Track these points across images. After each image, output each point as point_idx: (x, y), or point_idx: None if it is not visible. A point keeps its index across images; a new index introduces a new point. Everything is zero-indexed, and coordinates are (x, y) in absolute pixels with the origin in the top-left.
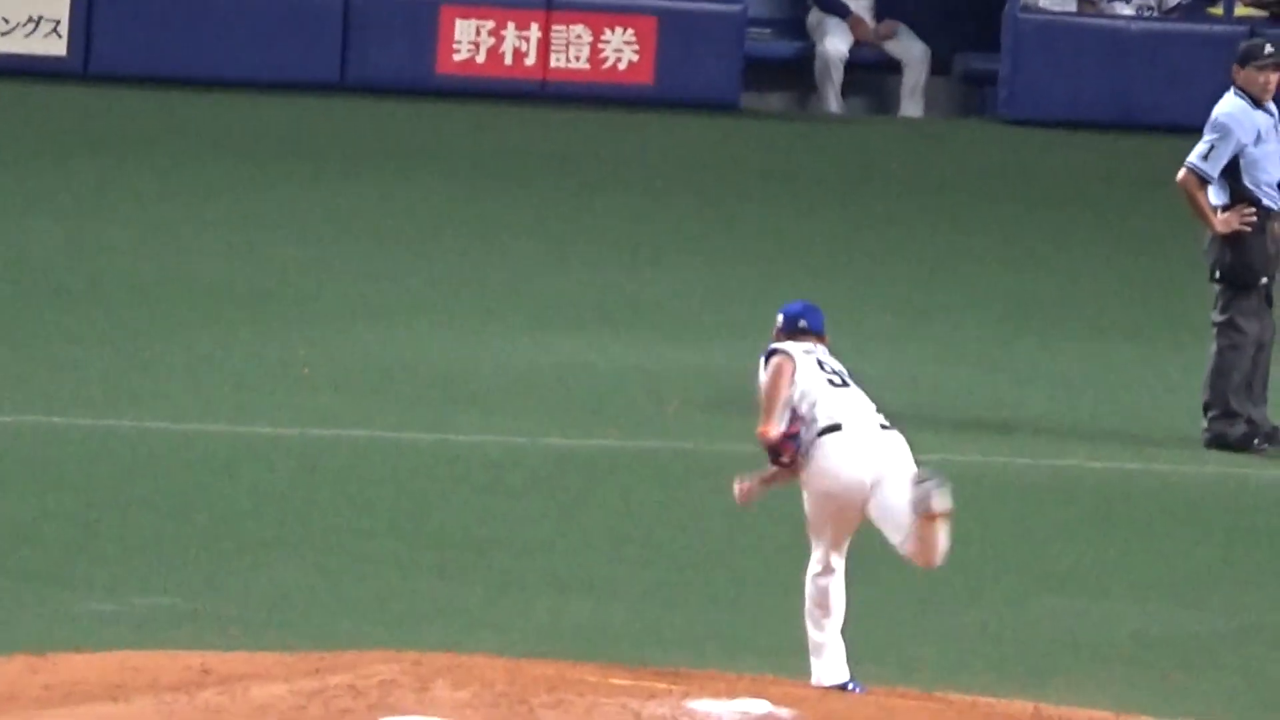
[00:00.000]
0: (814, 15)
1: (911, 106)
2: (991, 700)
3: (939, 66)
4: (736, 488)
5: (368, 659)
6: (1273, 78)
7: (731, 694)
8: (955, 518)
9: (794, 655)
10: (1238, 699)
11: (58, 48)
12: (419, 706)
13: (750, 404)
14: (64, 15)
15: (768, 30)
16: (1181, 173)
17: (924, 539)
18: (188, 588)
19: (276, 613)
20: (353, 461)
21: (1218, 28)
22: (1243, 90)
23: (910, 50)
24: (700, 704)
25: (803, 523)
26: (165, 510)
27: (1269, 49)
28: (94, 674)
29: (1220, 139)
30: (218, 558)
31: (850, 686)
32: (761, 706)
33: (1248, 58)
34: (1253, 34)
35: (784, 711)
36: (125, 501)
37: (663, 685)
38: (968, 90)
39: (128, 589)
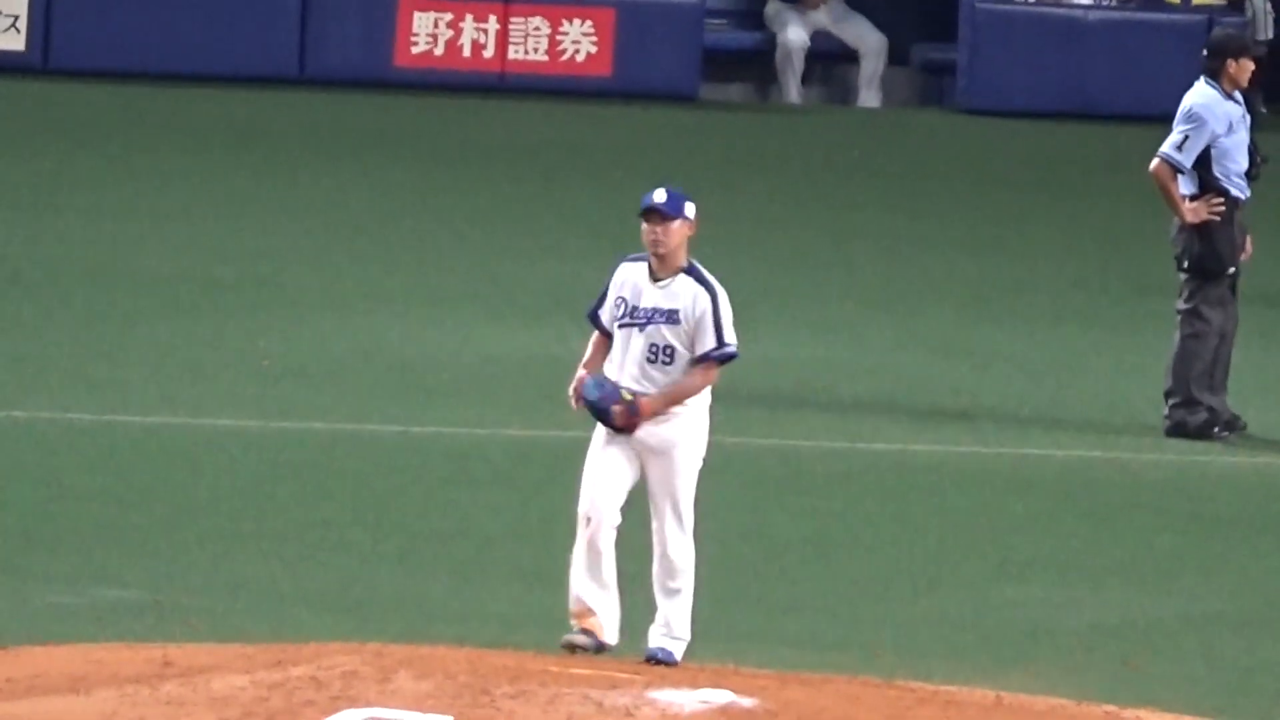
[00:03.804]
0: (772, 6)
1: (870, 97)
2: (952, 689)
3: (897, 57)
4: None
5: (329, 650)
6: (1251, 65)
7: (693, 684)
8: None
9: (755, 643)
10: (1199, 685)
11: (17, 42)
12: (381, 698)
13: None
14: (23, 10)
15: (725, 21)
16: (1155, 162)
17: None
18: (149, 579)
19: (238, 604)
20: (313, 453)
21: (1176, 16)
22: (1226, 81)
23: (868, 40)
24: (662, 694)
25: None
26: (126, 502)
27: (1255, 37)
28: (55, 666)
29: (1195, 129)
30: (179, 549)
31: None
32: (723, 696)
33: (1244, 49)
34: (1211, 23)
35: (745, 701)
36: (85, 493)
37: (625, 675)
38: (926, 80)
39: (88, 581)
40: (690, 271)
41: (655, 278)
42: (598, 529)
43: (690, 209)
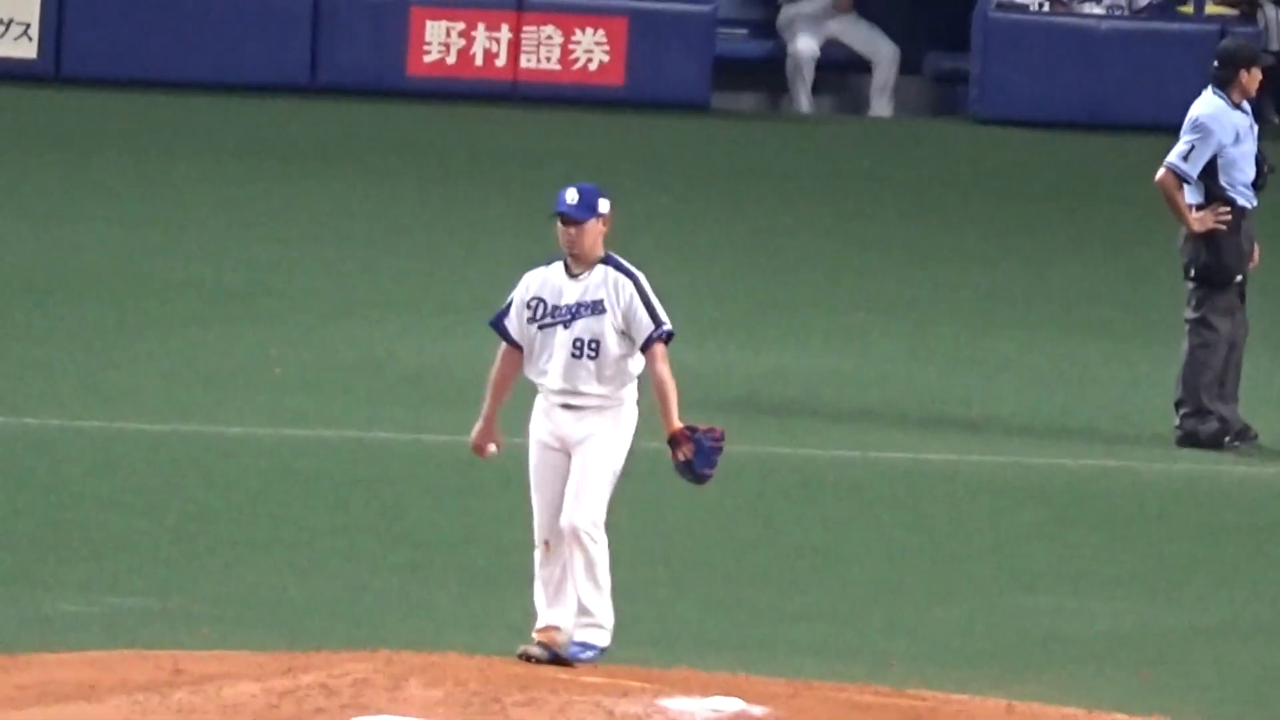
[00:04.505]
0: (784, 15)
1: (881, 106)
2: (964, 698)
3: (909, 66)
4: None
5: (340, 658)
6: (1260, 75)
7: (704, 692)
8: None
9: (767, 651)
10: (1210, 694)
11: (29, 50)
12: (392, 705)
13: (720, 402)
14: (35, 19)
15: (738, 30)
16: (1161, 172)
17: None
18: (159, 587)
19: (249, 612)
20: (324, 461)
21: (1188, 26)
22: (1235, 91)
23: (880, 50)
24: (673, 702)
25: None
26: (137, 510)
27: (1267, 47)
28: (66, 674)
29: (1201, 139)
30: (189, 557)
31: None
32: (734, 704)
33: (1252, 59)
34: (1223, 33)
35: (756, 709)
36: (97, 501)
37: (635, 683)
38: (938, 90)
39: (99, 589)
40: (607, 261)
41: (572, 274)
42: (559, 551)
43: (604, 205)
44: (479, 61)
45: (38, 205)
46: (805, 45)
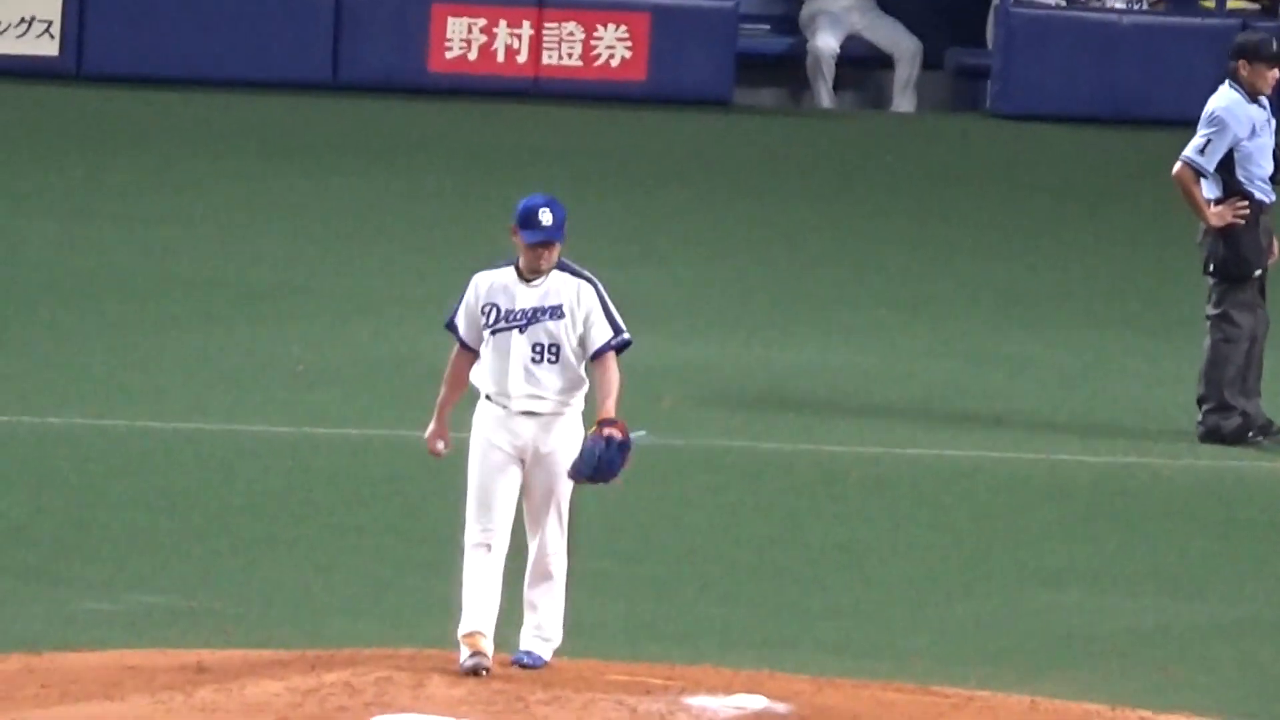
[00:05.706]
0: (805, 11)
1: (903, 101)
2: (987, 694)
3: (931, 61)
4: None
5: (363, 656)
6: (1277, 72)
7: (728, 689)
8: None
9: (790, 648)
10: (1233, 691)
11: (50, 48)
12: (415, 703)
13: (741, 398)
14: (56, 16)
15: (760, 26)
16: (1177, 166)
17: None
18: (183, 586)
19: (272, 610)
20: (347, 459)
21: (1209, 21)
22: (1242, 85)
23: (902, 45)
24: (696, 699)
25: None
26: (160, 508)
27: (1276, 44)
28: (90, 672)
29: (1217, 133)
30: (213, 555)
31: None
32: (757, 702)
33: (1257, 54)
34: (1244, 27)
35: (780, 706)
36: (120, 500)
37: (658, 681)
38: (959, 85)
39: (123, 587)
40: (562, 267)
41: (527, 279)
42: (496, 554)
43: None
44: (500, 58)
45: (60, 203)
46: (826, 41)
